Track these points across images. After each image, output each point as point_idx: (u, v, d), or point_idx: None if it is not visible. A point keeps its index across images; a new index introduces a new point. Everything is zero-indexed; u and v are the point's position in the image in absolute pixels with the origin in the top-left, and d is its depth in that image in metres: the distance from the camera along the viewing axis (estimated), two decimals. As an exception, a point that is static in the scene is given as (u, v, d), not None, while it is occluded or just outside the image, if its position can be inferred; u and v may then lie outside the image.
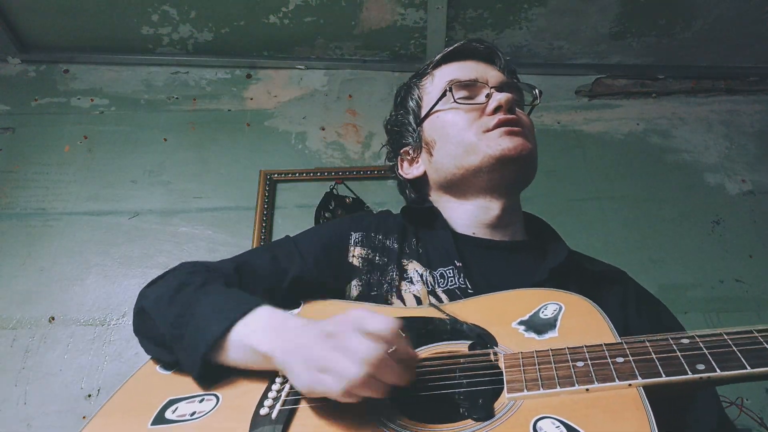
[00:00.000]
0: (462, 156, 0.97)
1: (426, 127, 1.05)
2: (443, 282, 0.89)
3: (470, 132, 0.96)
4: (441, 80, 1.05)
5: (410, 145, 1.10)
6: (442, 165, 1.01)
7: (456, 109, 1.00)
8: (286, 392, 0.69)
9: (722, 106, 2.58)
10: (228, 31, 2.41)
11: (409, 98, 1.11)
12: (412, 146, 1.09)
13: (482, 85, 1.00)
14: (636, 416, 0.53)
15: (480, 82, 1.00)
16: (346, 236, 0.98)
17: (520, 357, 0.66)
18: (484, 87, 1.00)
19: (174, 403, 0.72)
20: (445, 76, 1.04)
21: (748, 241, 2.24)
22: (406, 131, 1.10)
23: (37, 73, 2.46)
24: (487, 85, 1.00)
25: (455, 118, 0.99)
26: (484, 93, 1.00)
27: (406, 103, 1.11)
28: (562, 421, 0.55)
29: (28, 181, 2.20)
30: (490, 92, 0.99)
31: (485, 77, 1.01)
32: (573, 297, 0.74)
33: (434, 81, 1.07)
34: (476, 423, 0.60)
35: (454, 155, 0.98)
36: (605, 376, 0.59)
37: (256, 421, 0.65)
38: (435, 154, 1.02)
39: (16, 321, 1.92)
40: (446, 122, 1.00)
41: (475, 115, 0.98)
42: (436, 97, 1.03)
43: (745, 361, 0.56)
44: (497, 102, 0.96)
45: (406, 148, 1.11)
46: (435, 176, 1.04)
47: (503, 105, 0.95)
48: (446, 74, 1.05)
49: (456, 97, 1.00)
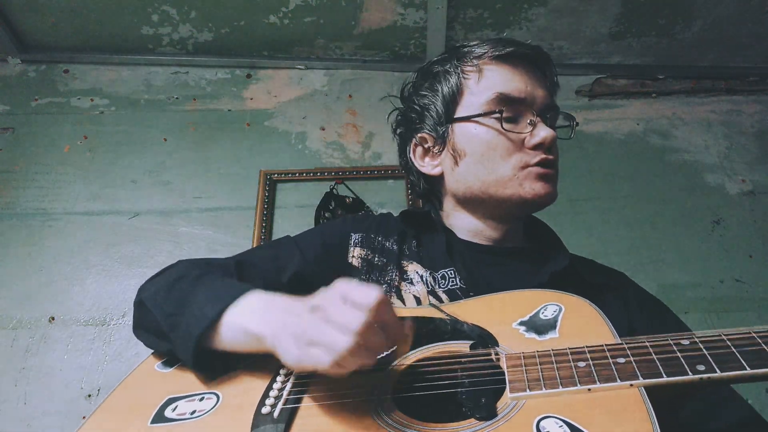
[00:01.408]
0: (491, 184, 0.93)
1: (458, 131, 0.98)
2: (444, 283, 0.89)
3: (507, 164, 0.92)
4: (489, 83, 0.96)
5: (431, 135, 1.03)
6: (467, 181, 0.97)
7: (498, 131, 0.94)
8: (287, 391, 0.69)
9: (722, 106, 2.58)
10: (228, 31, 2.41)
11: (445, 83, 1.01)
12: (433, 137, 1.03)
13: (527, 108, 0.95)
14: (638, 416, 0.54)
15: (527, 103, 0.95)
16: (346, 237, 0.99)
17: (522, 357, 0.66)
18: (529, 110, 0.95)
19: (174, 402, 0.72)
20: (494, 84, 0.96)
21: (748, 241, 2.24)
22: (430, 117, 1.03)
23: (37, 73, 2.46)
24: (532, 110, 0.95)
25: (496, 141, 0.93)
26: (528, 119, 0.94)
27: (440, 86, 1.01)
28: (566, 421, 0.55)
29: (28, 181, 2.20)
30: (535, 121, 0.94)
31: (533, 96, 0.95)
32: (573, 298, 0.75)
33: (481, 81, 0.97)
34: (479, 422, 0.60)
35: (483, 180, 0.94)
36: (607, 376, 0.59)
37: (257, 419, 0.65)
38: (461, 165, 0.97)
39: (16, 321, 1.92)
40: (484, 142, 0.94)
41: (516, 145, 0.93)
42: (479, 104, 0.96)
43: (745, 362, 0.56)
44: (541, 139, 0.92)
45: (424, 134, 1.04)
46: (454, 186, 1.00)
47: (545, 144, 0.92)
48: (496, 80, 0.96)
49: (503, 117, 0.94)
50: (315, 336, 0.61)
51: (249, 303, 0.74)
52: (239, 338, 0.73)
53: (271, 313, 0.70)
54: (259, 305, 0.73)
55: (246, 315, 0.73)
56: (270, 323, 0.69)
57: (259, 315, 0.71)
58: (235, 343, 0.74)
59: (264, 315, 0.71)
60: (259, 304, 0.74)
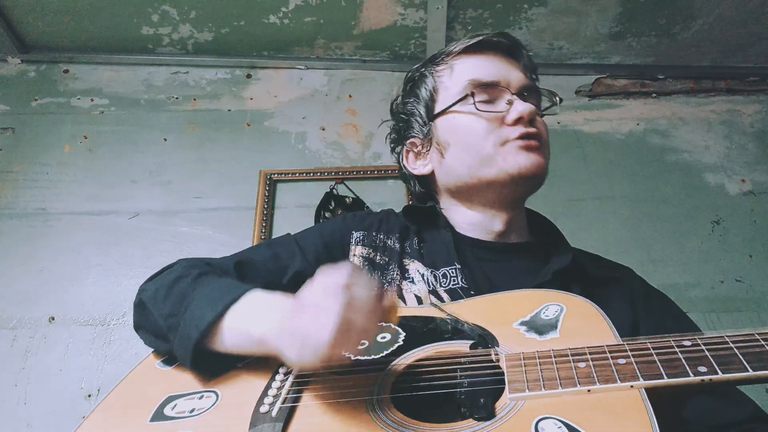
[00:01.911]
0: (477, 166, 0.93)
1: (440, 125, 1.00)
2: (445, 282, 0.89)
3: (488, 142, 0.92)
4: (460, 76, 0.98)
5: (418, 138, 1.05)
6: (454, 170, 0.97)
7: (475, 114, 0.94)
8: (286, 389, 0.69)
9: (722, 106, 2.58)
10: (228, 31, 2.41)
11: (423, 86, 1.04)
12: (420, 139, 1.04)
13: (503, 88, 0.95)
14: (638, 418, 0.53)
15: (501, 86, 0.95)
16: (347, 235, 0.98)
17: (522, 357, 0.66)
18: (505, 91, 0.95)
19: (173, 400, 0.72)
20: (466, 73, 0.98)
21: (748, 241, 2.24)
22: (416, 122, 1.05)
23: (37, 73, 2.46)
24: (508, 90, 0.95)
25: (473, 124, 0.94)
26: (505, 98, 0.94)
27: (419, 92, 1.05)
28: (564, 422, 0.55)
29: (28, 181, 2.20)
30: (512, 99, 0.94)
31: (507, 79, 0.96)
32: (574, 298, 0.74)
33: (453, 75, 1.00)
34: (478, 423, 0.59)
35: (468, 164, 0.94)
36: (607, 377, 0.59)
37: (256, 418, 0.65)
38: (447, 157, 0.98)
39: (16, 321, 1.91)
40: (463, 127, 0.95)
41: (495, 124, 0.93)
42: (454, 95, 0.97)
43: (747, 364, 0.56)
44: (518, 114, 0.91)
45: (413, 139, 1.06)
46: (444, 179, 1.01)
47: (524, 117, 0.91)
48: (466, 70, 0.98)
49: (476, 100, 0.94)
50: (304, 334, 0.61)
51: (249, 305, 0.74)
52: (240, 341, 0.73)
53: (273, 314, 0.70)
54: (259, 307, 0.73)
55: (248, 318, 0.72)
56: (272, 328, 0.69)
57: (260, 317, 0.71)
58: (236, 345, 0.74)
59: (265, 318, 0.71)
60: (259, 305, 0.74)
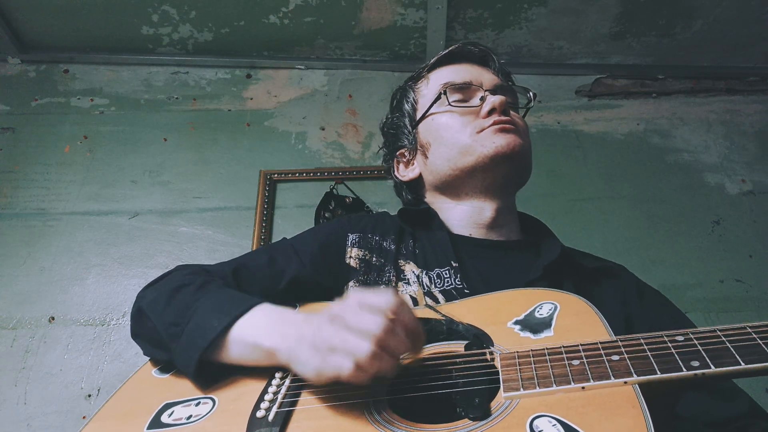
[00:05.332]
0: (457, 157, 0.98)
1: (421, 129, 1.07)
2: (440, 282, 0.89)
3: (464, 134, 0.98)
4: (436, 83, 1.06)
5: (406, 148, 1.11)
6: (437, 167, 1.02)
7: (450, 112, 1.01)
8: (282, 394, 0.69)
9: (722, 106, 2.58)
10: (228, 31, 2.41)
11: (405, 101, 1.13)
12: (407, 148, 1.11)
13: (476, 88, 1.02)
14: (632, 413, 0.54)
15: (474, 85, 1.02)
16: (343, 237, 0.99)
17: (516, 356, 0.66)
18: (478, 90, 1.02)
19: (170, 407, 0.72)
20: (440, 79, 1.06)
21: (748, 241, 2.23)
22: (402, 134, 1.12)
23: (37, 73, 2.46)
24: (481, 88, 1.02)
25: (450, 120, 1.01)
26: (479, 96, 1.01)
27: (402, 106, 1.13)
28: (559, 420, 0.55)
29: (28, 181, 2.20)
30: (485, 95, 1.00)
31: (479, 80, 1.03)
32: (568, 296, 0.75)
33: (429, 84, 1.08)
34: (473, 422, 0.60)
35: (448, 157, 0.99)
36: (601, 374, 0.59)
37: (252, 423, 0.65)
38: (430, 156, 1.04)
39: (16, 321, 1.92)
40: (441, 125, 1.02)
41: (470, 118, 0.99)
42: (430, 100, 1.05)
43: (739, 357, 0.56)
44: (491, 104, 0.97)
45: (401, 150, 1.13)
46: (430, 178, 1.05)
47: (497, 107, 0.97)
48: (441, 77, 1.06)
49: (450, 100, 1.01)
50: (335, 343, 0.62)
51: (259, 317, 0.75)
52: (248, 353, 0.73)
53: (285, 329, 0.70)
54: (271, 320, 0.74)
55: (258, 330, 0.73)
56: (285, 336, 0.69)
57: (271, 330, 0.71)
58: (241, 358, 0.74)
59: (277, 330, 0.71)
60: (271, 319, 0.74)
